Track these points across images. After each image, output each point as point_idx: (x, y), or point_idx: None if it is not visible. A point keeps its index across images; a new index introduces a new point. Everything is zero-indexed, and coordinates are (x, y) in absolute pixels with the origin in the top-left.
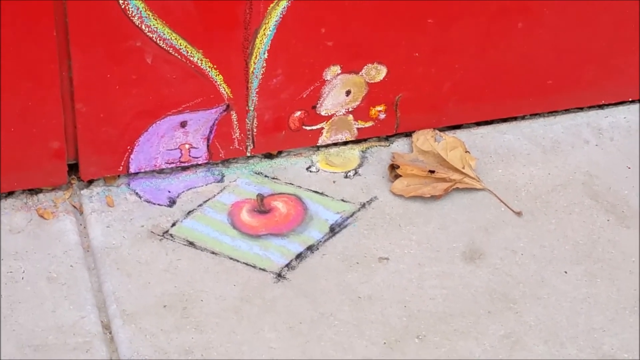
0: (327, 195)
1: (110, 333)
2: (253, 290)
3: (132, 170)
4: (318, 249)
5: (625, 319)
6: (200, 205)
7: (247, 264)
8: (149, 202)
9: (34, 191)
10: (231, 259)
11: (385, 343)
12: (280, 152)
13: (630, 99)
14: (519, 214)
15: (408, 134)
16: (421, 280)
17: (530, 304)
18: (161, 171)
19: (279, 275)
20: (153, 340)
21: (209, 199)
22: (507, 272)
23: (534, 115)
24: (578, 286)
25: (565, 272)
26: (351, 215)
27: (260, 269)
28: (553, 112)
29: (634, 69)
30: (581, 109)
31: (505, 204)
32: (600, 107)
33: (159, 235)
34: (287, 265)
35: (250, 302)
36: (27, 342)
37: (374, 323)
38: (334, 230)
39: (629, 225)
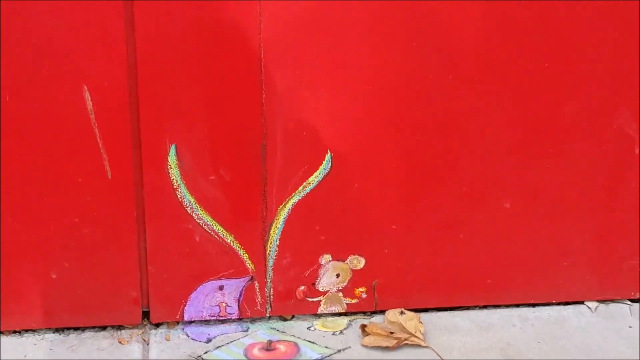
0: (316, 344)
1: None
2: None
3: (185, 318)
4: None
5: None
6: (227, 343)
7: None
8: (193, 339)
9: (119, 327)
10: None
11: None
12: (293, 316)
13: (554, 301)
14: None
15: (384, 311)
16: None
17: None
18: (206, 322)
19: None
20: None
21: (234, 340)
22: None
23: (482, 307)
24: None
25: None
26: (328, 356)
27: None
28: (496, 306)
29: (554, 281)
30: (517, 305)
31: (439, 356)
32: (532, 305)
33: (193, 358)
34: None
35: None
36: None
37: None
38: None
39: None
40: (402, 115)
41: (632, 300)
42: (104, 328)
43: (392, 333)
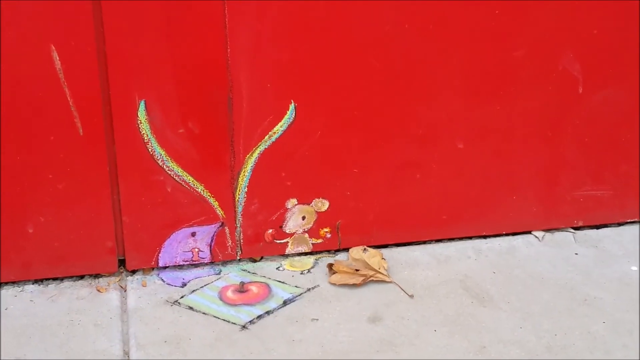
0: (286, 283)
1: (127, 356)
2: (224, 335)
3: (160, 264)
4: (273, 313)
5: (470, 358)
6: (202, 287)
7: (224, 320)
8: (169, 284)
9: (96, 276)
10: (214, 317)
11: None
12: (262, 257)
13: (504, 232)
14: (411, 296)
15: (347, 249)
16: (336, 331)
17: (407, 347)
18: (180, 266)
19: (243, 327)
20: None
21: (208, 283)
22: (395, 329)
23: (438, 240)
24: (441, 338)
25: (435, 330)
26: (299, 295)
27: (232, 323)
28: (451, 239)
29: (504, 214)
30: (470, 237)
31: (404, 290)
32: (484, 237)
33: (170, 302)
34: (250, 322)
35: (221, 341)
36: (74, 358)
37: (300, 355)
38: (286, 303)
39: (485, 305)
40: (361, 64)
41: (575, 228)
42: (81, 277)
43: (357, 270)
